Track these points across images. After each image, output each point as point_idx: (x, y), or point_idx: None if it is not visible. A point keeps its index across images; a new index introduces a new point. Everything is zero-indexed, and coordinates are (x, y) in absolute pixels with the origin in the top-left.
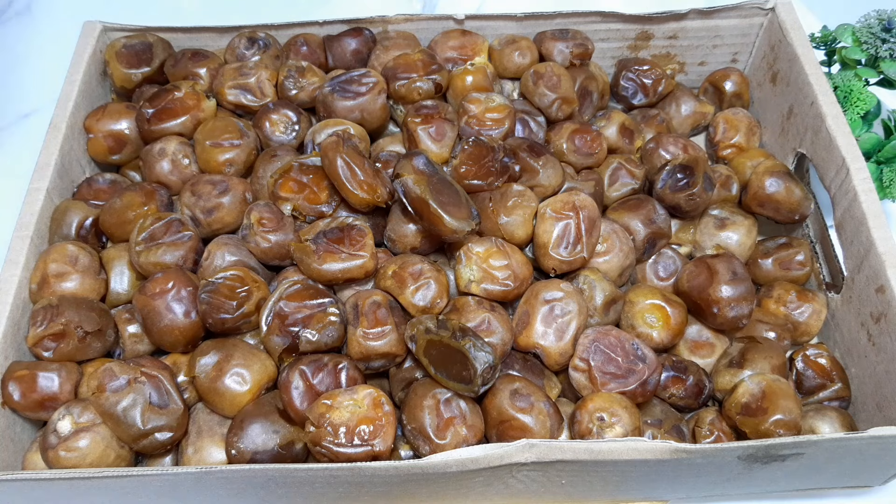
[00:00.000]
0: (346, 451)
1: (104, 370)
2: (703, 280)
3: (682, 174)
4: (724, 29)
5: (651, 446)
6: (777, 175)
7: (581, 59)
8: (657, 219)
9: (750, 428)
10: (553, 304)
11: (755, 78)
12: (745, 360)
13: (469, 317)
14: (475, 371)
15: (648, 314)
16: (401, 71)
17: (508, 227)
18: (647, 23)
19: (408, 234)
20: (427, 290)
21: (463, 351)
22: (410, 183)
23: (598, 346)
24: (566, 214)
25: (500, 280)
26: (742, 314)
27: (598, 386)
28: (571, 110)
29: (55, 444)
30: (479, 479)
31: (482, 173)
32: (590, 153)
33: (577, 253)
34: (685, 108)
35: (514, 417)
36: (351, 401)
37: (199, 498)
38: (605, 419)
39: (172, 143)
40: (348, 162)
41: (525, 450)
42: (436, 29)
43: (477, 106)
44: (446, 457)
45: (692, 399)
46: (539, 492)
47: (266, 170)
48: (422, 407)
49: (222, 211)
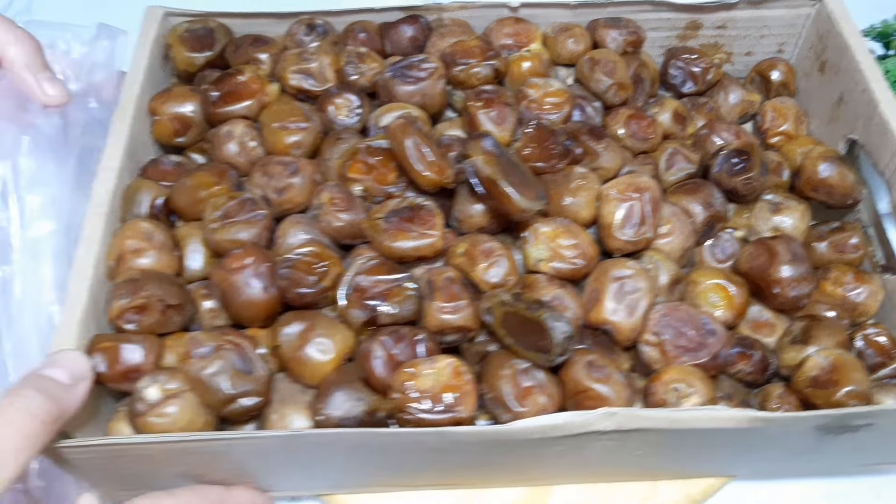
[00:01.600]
0: (431, 417)
1: (190, 338)
2: (763, 261)
3: (737, 158)
4: (771, 19)
5: (730, 414)
6: (830, 160)
7: (633, 47)
8: (715, 202)
9: (822, 400)
10: (623, 282)
11: (801, 68)
12: (809, 336)
13: (541, 293)
14: (553, 341)
15: (711, 294)
16: (459, 57)
17: (572, 209)
18: (697, 12)
19: (474, 215)
20: (498, 267)
21: (541, 321)
22: (480, 163)
23: (669, 321)
24: (631, 196)
25: (569, 259)
26: (803, 294)
27: (670, 360)
28: (626, 96)
29: (144, 410)
30: (557, 447)
31: (545, 156)
32: (645, 138)
33: (642, 234)
34: (733, 96)
35: (591, 388)
36: (432, 369)
37: (285, 461)
38: (682, 390)
39: (239, 125)
40: (417, 143)
41: (606, 417)
42: (489, 17)
43: (536, 91)
44: (529, 423)
45: (758, 374)
46: (612, 462)
47: (332, 152)
48: (500, 377)
49: (293, 191)
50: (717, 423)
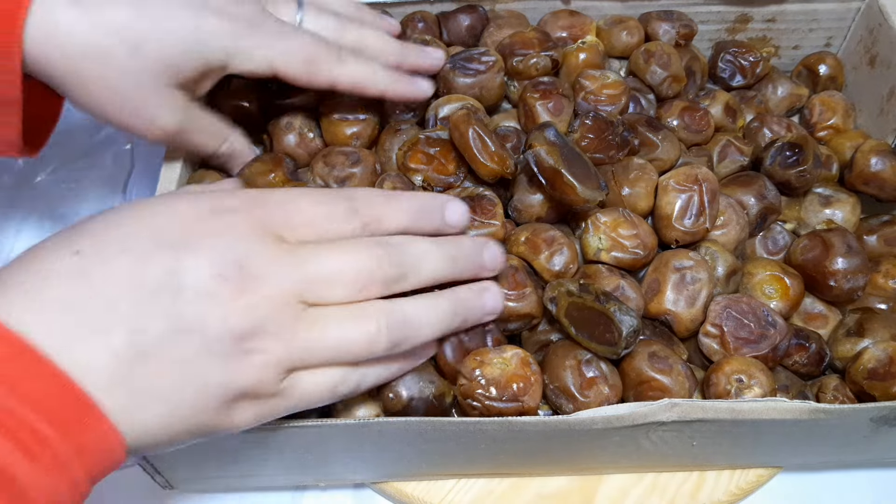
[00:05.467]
0: (498, 406)
1: None
2: (818, 253)
3: (790, 151)
4: (821, 13)
5: (791, 406)
6: (882, 154)
7: (685, 40)
8: (768, 194)
9: (880, 391)
10: (684, 272)
11: (850, 61)
12: (864, 329)
13: (602, 283)
14: (620, 334)
15: (767, 285)
16: (517, 47)
17: (631, 199)
18: (747, 5)
19: (534, 205)
20: (561, 255)
21: (608, 314)
22: (543, 153)
23: (730, 312)
24: (689, 187)
25: (630, 248)
26: (858, 286)
27: (731, 351)
28: (680, 88)
29: None
30: (616, 438)
31: (602, 147)
32: (699, 130)
33: (699, 224)
34: (781, 90)
35: (654, 378)
36: (500, 359)
37: (347, 450)
38: (744, 381)
39: (298, 117)
40: (480, 134)
41: (668, 408)
42: (542, 9)
43: (593, 82)
44: (593, 413)
45: (814, 366)
46: (667, 454)
47: (392, 143)
48: (564, 367)
49: (354, 180)
50: (778, 414)
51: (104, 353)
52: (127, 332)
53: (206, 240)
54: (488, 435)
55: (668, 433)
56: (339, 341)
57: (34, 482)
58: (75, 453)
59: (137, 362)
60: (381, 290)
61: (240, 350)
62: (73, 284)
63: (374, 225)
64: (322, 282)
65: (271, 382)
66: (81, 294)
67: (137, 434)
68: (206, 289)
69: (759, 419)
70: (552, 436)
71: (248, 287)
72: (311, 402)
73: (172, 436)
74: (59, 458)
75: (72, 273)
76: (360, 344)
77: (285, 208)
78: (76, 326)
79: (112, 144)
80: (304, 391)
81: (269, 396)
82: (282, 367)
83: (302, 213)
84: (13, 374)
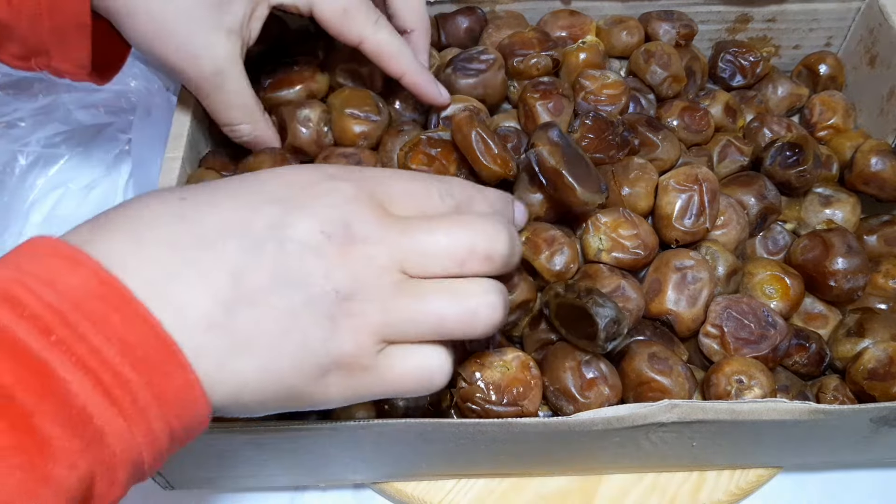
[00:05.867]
0: (497, 409)
1: None
2: (818, 253)
3: (790, 151)
4: (821, 13)
5: (790, 407)
6: (882, 154)
7: (685, 40)
8: (768, 194)
9: (879, 392)
10: (685, 272)
11: (850, 61)
12: (864, 329)
13: (603, 283)
14: (598, 326)
15: (767, 285)
16: (517, 48)
17: (631, 199)
18: (748, 5)
19: (533, 204)
20: (562, 255)
21: (586, 308)
22: (545, 153)
23: (730, 313)
24: (689, 187)
25: (630, 249)
26: (858, 286)
27: (731, 351)
28: (680, 88)
29: None
30: (616, 439)
31: (602, 147)
32: (699, 130)
33: (700, 224)
34: (781, 90)
35: (654, 379)
36: (501, 362)
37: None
38: (744, 382)
39: (317, 110)
40: (483, 136)
41: (668, 409)
42: (542, 9)
43: (593, 82)
44: (593, 415)
45: (814, 367)
46: (667, 454)
47: (394, 143)
48: (564, 368)
49: None
50: (778, 415)
51: (204, 296)
52: (229, 274)
53: (312, 200)
54: (488, 436)
55: (668, 434)
56: (438, 316)
57: (112, 426)
58: (154, 400)
59: (238, 308)
60: (484, 266)
61: (341, 311)
62: (176, 226)
63: (465, 208)
64: (424, 252)
65: (368, 351)
66: (183, 234)
67: (228, 388)
68: (312, 243)
69: (759, 420)
70: (552, 437)
71: (352, 247)
72: (405, 385)
73: (264, 396)
74: (138, 403)
75: (176, 215)
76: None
77: (386, 181)
78: (177, 266)
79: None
80: (397, 368)
81: (363, 370)
82: (379, 335)
83: (403, 187)
84: (102, 313)
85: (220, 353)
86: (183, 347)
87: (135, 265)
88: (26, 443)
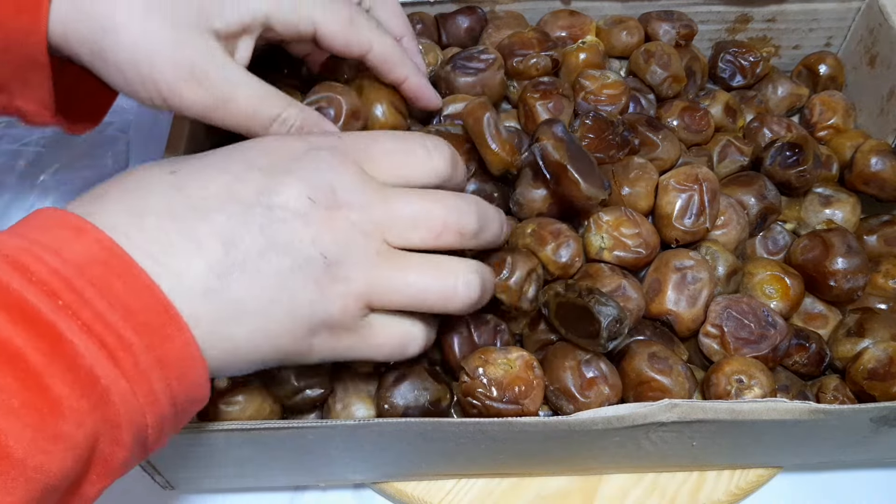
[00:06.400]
0: (497, 406)
1: None
2: (818, 253)
3: (790, 151)
4: (821, 13)
5: (791, 406)
6: (882, 154)
7: (685, 40)
8: (768, 194)
9: (879, 392)
10: (685, 272)
11: (850, 61)
12: (864, 329)
13: (604, 282)
14: (600, 325)
15: (767, 285)
16: (517, 48)
17: (631, 199)
18: (748, 5)
19: (536, 199)
20: (567, 248)
21: (588, 307)
22: (550, 147)
23: (730, 313)
24: (689, 186)
25: (632, 247)
26: (857, 286)
27: (731, 351)
28: (680, 88)
29: (213, 398)
30: (616, 438)
31: (603, 146)
32: (699, 130)
33: (700, 224)
34: (781, 90)
35: (654, 379)
36: (505, 360)
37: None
38: (744, 381)
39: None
40: (494, 121)
41: (668, 409)
42: (542, 10)
43: (593, 82)
44: (593, 414)
45: (814, 367)
46: (667, 454)
47: None
48: (564, 368)
49: None
50: (778, 414)
51: (198, 263)
52: (221, 243)
53: (297, 166)
54: (488, 435)
55: (668, 433)
56: (420, 289)
57: (117, 387)
58: (156, 363)
59: (230, 273)
60: (455, 239)
61: (327, 275)
62: (169, 197)
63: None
64: (405, 221)
65: (353, 315)
66: (177, 205)
67: (222, 352)
68: (298, 209)
69: (759, 419)
70: (552, 436)
71: (338, 212)
72: (382, 350)
73: (255, 357)
74: (140, 365)
75: (168, 186)
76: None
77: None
78: (171, 234)
79: (112, 145)
80: (378, 335)
81: (347, 332)
82: (364, 301)
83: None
84: (106, 280)
85: (215, 317)
86: (181, 312)
87: (135, 234)
88: (38, 402)
